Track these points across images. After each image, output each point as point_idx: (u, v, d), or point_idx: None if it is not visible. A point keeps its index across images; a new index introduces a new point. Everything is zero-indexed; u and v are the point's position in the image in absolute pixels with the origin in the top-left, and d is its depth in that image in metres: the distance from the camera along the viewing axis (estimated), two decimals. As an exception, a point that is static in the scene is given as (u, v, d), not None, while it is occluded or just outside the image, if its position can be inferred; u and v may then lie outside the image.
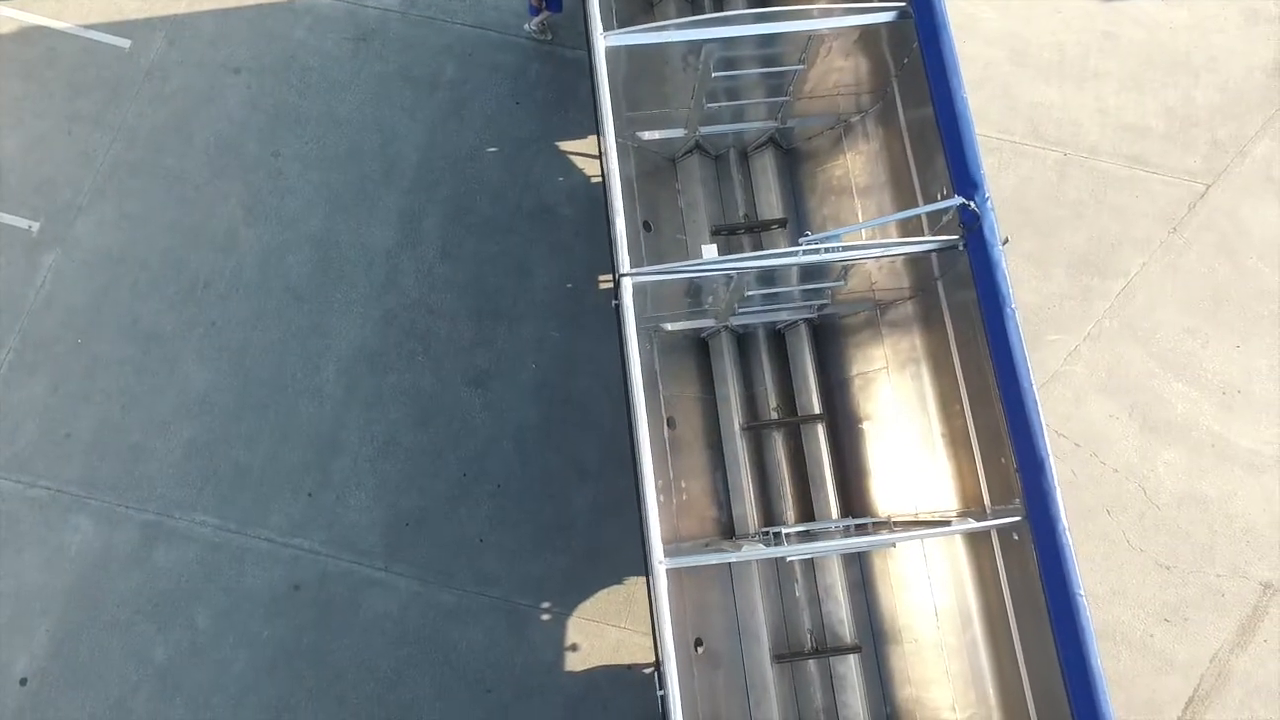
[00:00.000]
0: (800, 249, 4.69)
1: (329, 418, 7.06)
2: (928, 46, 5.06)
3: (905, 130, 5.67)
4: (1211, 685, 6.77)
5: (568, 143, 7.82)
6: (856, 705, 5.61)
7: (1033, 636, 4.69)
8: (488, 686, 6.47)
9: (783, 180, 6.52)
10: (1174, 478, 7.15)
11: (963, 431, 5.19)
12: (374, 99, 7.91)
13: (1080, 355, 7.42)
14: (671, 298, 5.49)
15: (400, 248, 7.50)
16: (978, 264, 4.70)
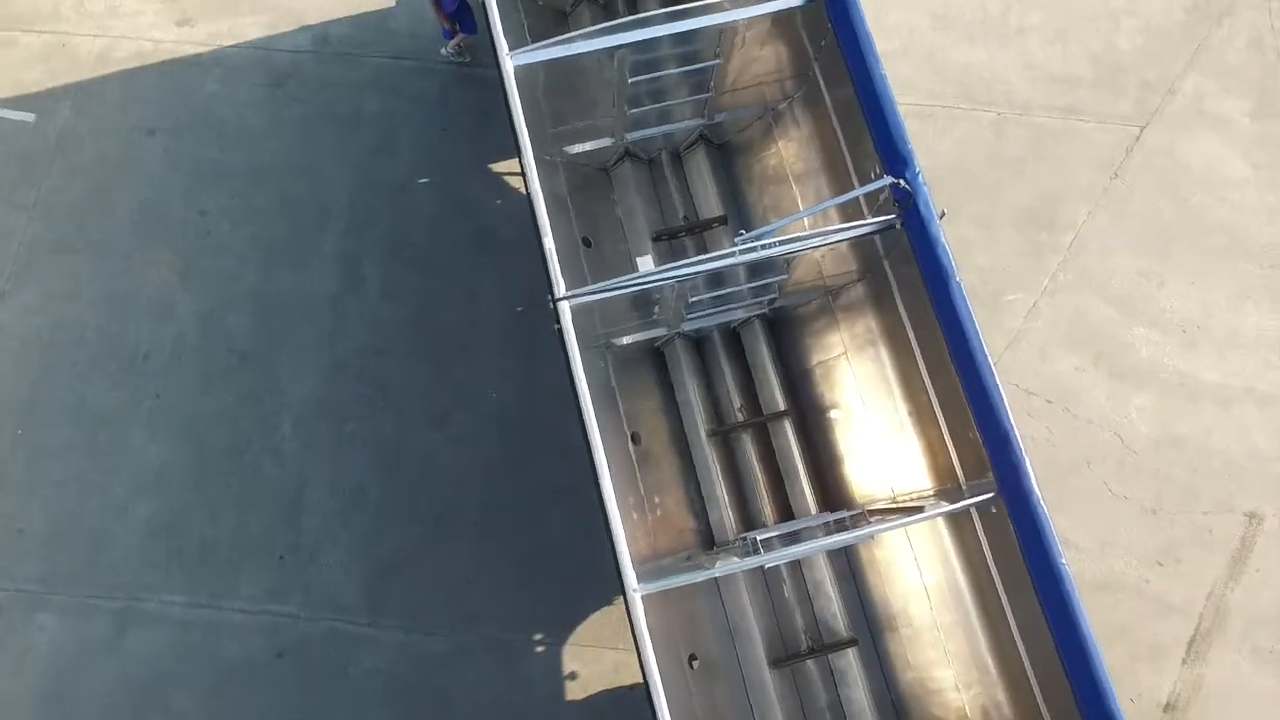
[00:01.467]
0: (737, 248, 4.58)
1: (292, 476, 6.86)
2: (840, 27, 4.97)
3: (833, 112, 5.58)
4: (1211, 622, 6.77)
5: (500, 163, 7.67)
6: (861, 699, 5.52)
7: (1023, 606, 4.62)
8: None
9: (718, 176, 6.42)
10: (1148, 422, 7.15)
11: (928, 408, 5.11)
12: (297, 143, 7.70)
13: (1040, 311, 7.39)
14: (619, 312, 5.36)
15: (343, 293, 7.31)
16: (917, 241, 4.62)
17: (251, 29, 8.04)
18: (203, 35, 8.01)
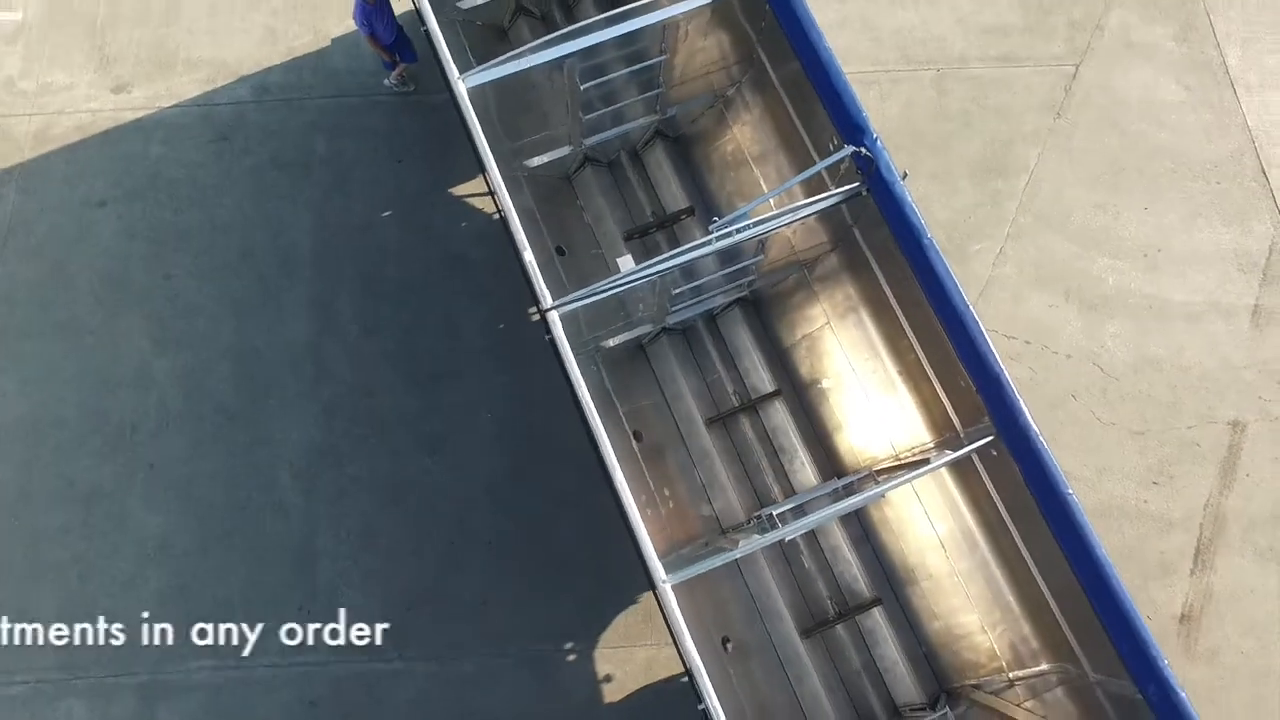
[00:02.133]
0: (713, 236, 4.66)
1: (298, 527, 6.82)
2: (778, 8, 5.06)
3: (782, 90, 5.68)
4: (1212, 532, 6.99)
5: (460, 186, 7.68)
6: (893, 654, 5.64)
7: (1036, 541, 4.75)
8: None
9: (679, 169, 6.49)
10: (1123, 348, 7.36)
11: (917, 364, 5.23)
12: (252, 195, 7.65)
13: (1006, 256, 7.57)
14: (605, 314, 5.42)
15: (320, 336, 7.27)
16: (884, 204, 4.73)
17: (189, 87, 7.96)
18: (141, 99, 7.92)
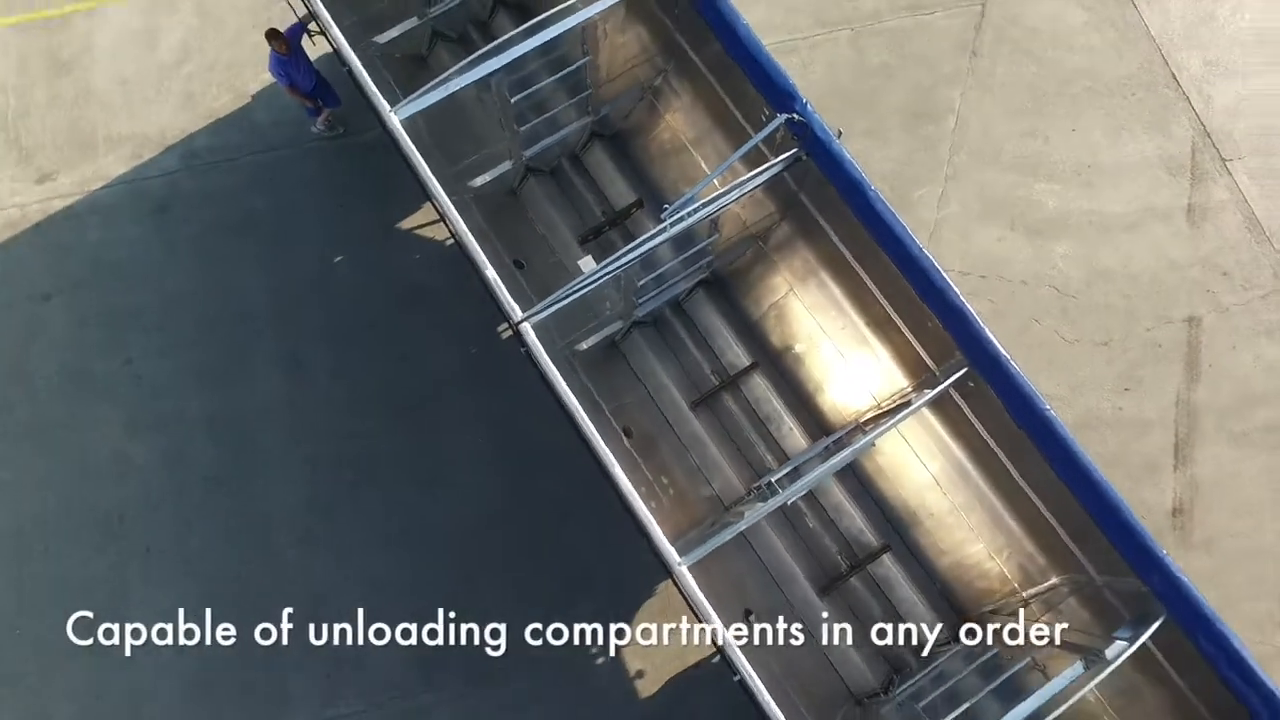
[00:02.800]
0: (666, 222, 4.74)
1: (305, 587, 6.75)
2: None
3: (707, 73, 5.78)
4: (1187, 426, 7.26)
5: (407, 219, 7.68)
6: (910, 596, 5.78)
7: (1025, 461, 4.92)
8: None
9: (621, 165, 6.57)
10: (1074, 266, 7.60)
11: (883, 315, 5.37)
12: (199, 263, 7.56)
13: (949, 197, 7.77)
14: (574, 318, 5.47)
15: (293, 390, 7.22)
16: (825, 165, 4.85)
17: (115, 166, 7.85)
18: (68, 186, 7.79)
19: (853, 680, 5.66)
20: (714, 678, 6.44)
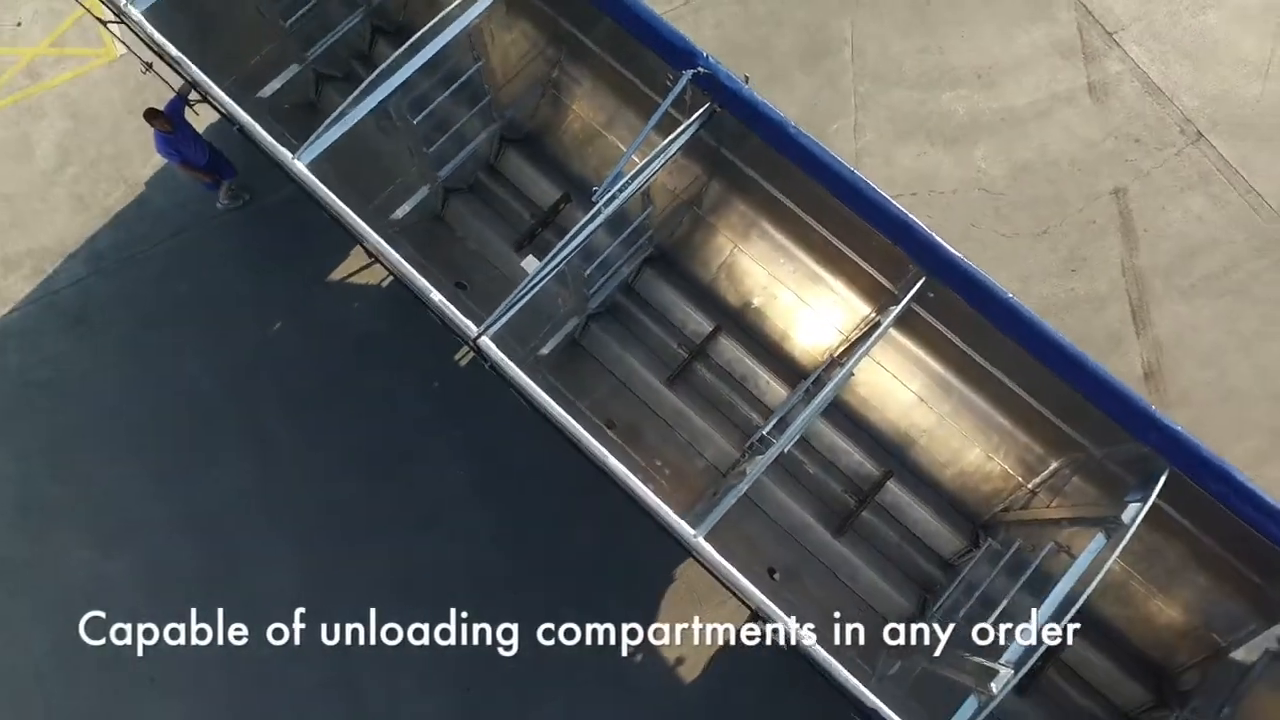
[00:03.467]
0: (598, 205, 4.67)
1: (328, 671, 6.47)
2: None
3: (602, 52, 5.73)
4: (1139, 291, 7.44)
5: (337, 270, 7.47)
6: (922, 515, 5.81)
7: (999, 355, 4.96)
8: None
9: (539, 165, 6.48)
10: (996, 165, 7.74)
11: (830, 248, 5.38)
12: (134, 363, 7.25)
13: (863, 126, 7.84)
14: (529, 326, 5.37)
15: (263, 470, 6.97)
16: (740, 112, 4.83)
17: (19, 285, 7.49)
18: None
19: (888, 610, 5.67)
20: (754, 648, 6.42)
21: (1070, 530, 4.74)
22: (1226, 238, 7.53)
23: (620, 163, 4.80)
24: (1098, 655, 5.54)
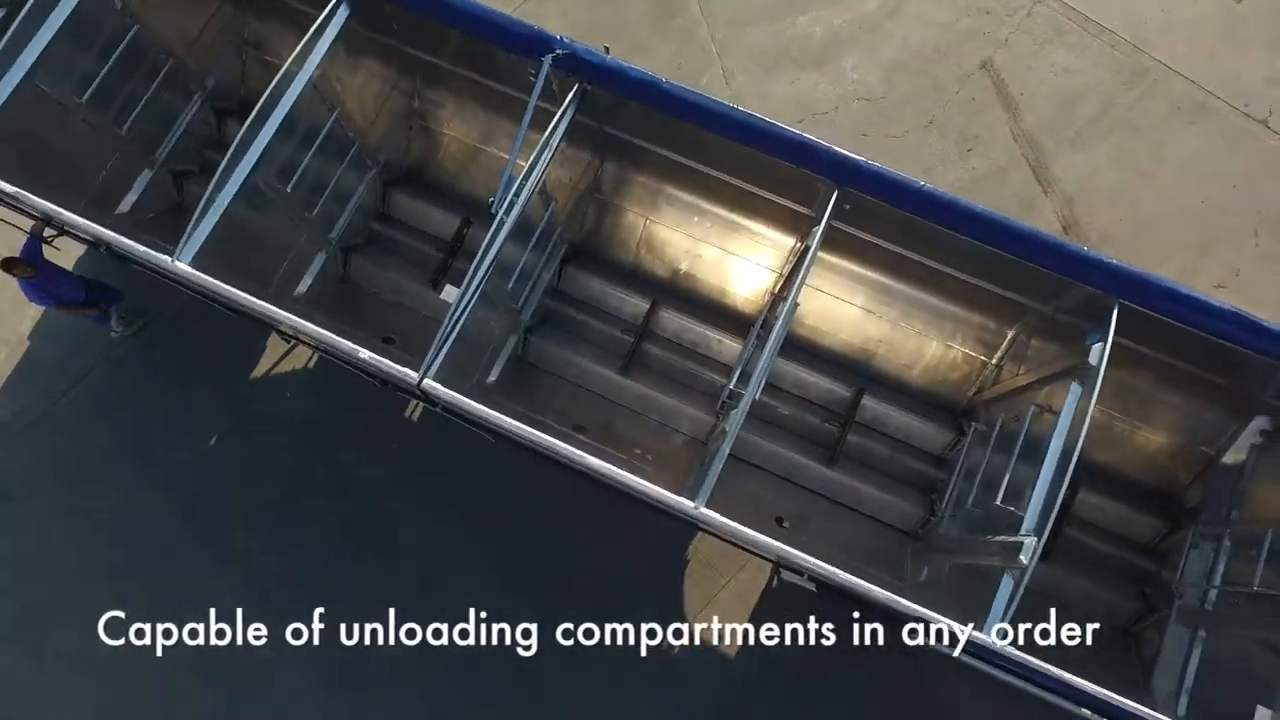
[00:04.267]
0: (499, 214, 4.53)
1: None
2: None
3: (456, 68, 5.58)
4: (1034, 153, 7.64)
5: (259, 364, 7.13)
6: (904, 421, 5.85)
7: (929, 245, 5.00)
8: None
9: (430, 198, 6.29)
10: (866, 69, 7.83)
11: (738, 192, 5.37)
12: (77, 528, 6.79)
13: (731, 71, 7.85)
14: (468, 357, 5.19)
15: (243, 587, 6.60)
16: (611, 84, 4.74)
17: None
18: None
19: (900, 520, 5.69)
20: (784, 602, 6.38)
21: (1045, 389, 4.80)
22: (1095, 80, 7.78)
23: (507, 169, 4.67)
24: (1106, 501, 5.66)
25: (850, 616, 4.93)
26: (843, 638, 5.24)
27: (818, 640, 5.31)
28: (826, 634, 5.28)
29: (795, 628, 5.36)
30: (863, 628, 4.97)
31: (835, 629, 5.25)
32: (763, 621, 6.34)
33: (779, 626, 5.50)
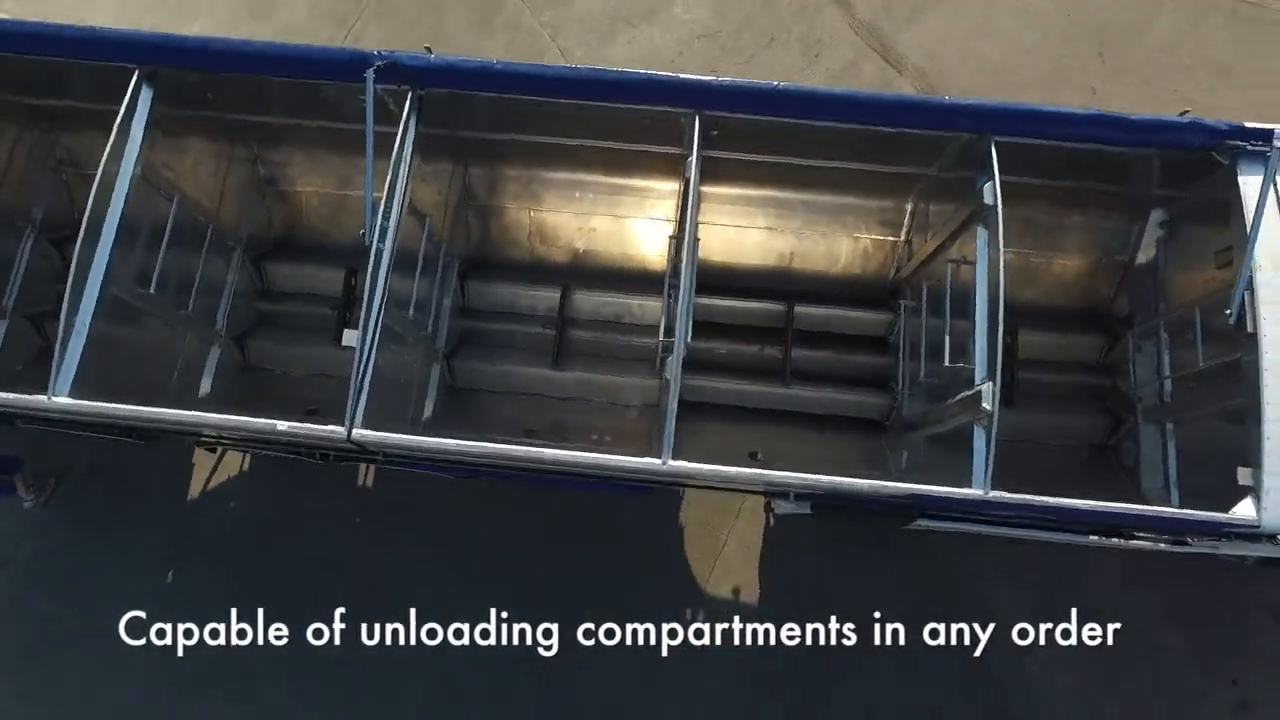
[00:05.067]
0: (373, 244, 4.33)
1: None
2: (163, 60, 4.63)
3: (285, 119, 5.33)
4: (877, 40, 7.76)
5: (189, 485, 6.75)
6: (839, 316, 5.88)
7: (805, 143, 4.98)
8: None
9: (306, 260, 6.04)
10: (697, 7, 7.85)
11: (608, 154, 5.29)
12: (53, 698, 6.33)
13: (570, 49, 7.76)
14: (395, 399, 4.98)
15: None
16: (444, 81, 4.56)
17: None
18: None
19: (866, 413, 5.73)
20: (786, 539, 6.35)
21: (956, 244, 4.87)
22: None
23: (367, 202, 4.41)
24: (1046, 335, 5.81)
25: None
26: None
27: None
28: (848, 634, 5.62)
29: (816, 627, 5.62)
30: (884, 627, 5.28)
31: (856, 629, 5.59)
32: (770, 567, 6.40)
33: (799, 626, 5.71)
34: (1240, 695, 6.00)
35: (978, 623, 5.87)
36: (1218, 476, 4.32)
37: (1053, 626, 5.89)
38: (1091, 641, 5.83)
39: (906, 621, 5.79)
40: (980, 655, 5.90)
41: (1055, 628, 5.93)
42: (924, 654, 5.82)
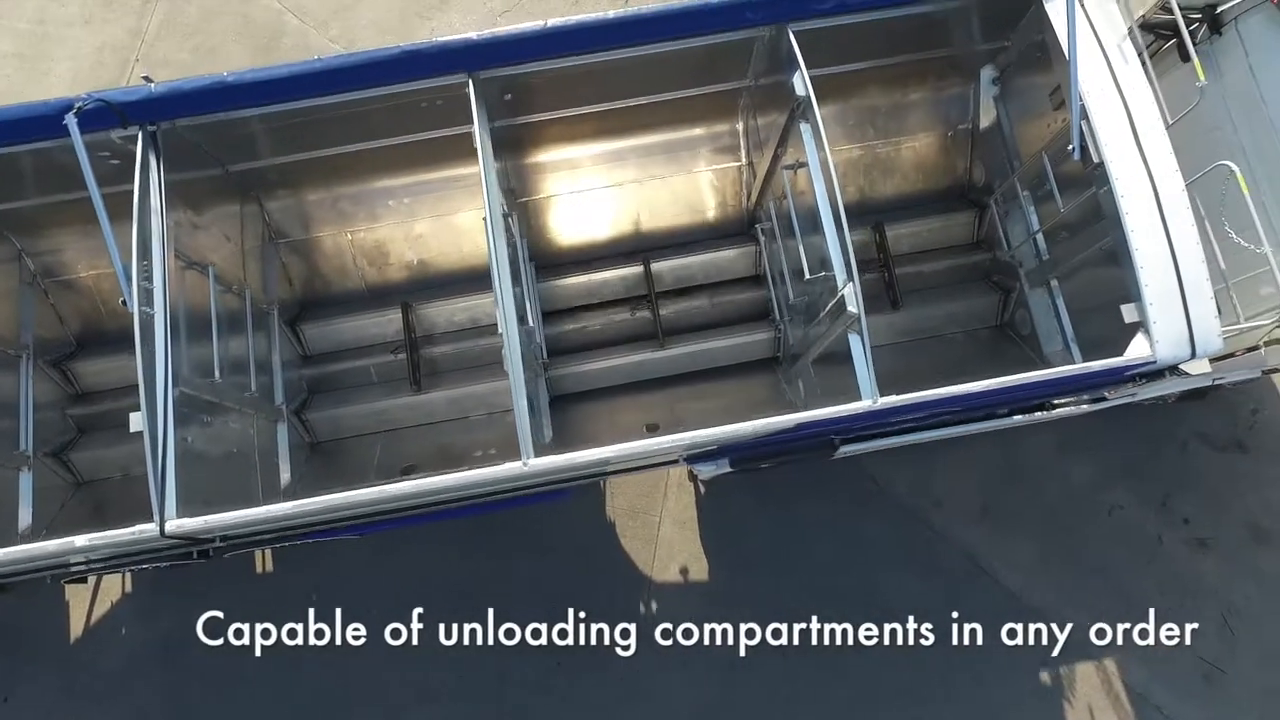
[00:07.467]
0: (135, 311, 3.73)
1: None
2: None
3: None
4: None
5: (71, 624, 6.02)
6: (701, 264, 5.54)
7: (605, 86, 4.65)
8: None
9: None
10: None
11: (402, 150, 4.80)
12: None
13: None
14: (237, 475, 4.44)
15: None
16: (175, 108, 3.96)
17: None
18: None
19: (756, 353, 5.42)
20: (722, 500, 5.99)
21: (788, 152, 4.55)
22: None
23: (116, 266, 3.71)
24: (913, 225, 5.58)
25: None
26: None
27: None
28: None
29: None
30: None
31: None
32: (710, 534, 6.04)
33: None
34: (1193, 532, 5.90)
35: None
36: (1111, 325, 4.11)
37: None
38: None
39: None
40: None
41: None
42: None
